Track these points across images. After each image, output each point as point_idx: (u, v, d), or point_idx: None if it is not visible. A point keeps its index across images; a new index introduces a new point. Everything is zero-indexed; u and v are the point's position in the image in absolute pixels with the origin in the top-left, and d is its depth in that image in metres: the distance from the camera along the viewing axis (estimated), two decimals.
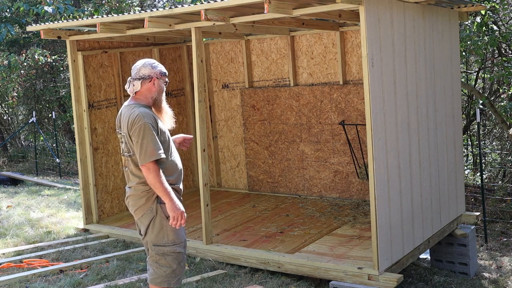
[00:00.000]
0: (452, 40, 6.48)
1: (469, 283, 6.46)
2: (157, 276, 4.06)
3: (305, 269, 5.39)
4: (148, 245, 4.08)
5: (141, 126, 3.84)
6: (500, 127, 11.40)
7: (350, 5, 4.72)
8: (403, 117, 5.39)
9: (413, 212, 5.56)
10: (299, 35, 7.82)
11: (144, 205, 4.01)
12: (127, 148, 4.00)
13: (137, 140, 3.85)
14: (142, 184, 3.99)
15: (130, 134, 3.90)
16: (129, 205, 4.13)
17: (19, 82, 13.57)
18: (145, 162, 3.83)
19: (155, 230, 4.01)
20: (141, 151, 3.84)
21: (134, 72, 4.06)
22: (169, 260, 4.04)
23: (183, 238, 4.12)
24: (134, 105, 4.00)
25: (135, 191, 4.03)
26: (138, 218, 4.07)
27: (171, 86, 8.51)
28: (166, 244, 4.03)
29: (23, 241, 6.84)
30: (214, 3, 5.12)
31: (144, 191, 3.99)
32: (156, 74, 4.04)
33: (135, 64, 4.10)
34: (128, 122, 3.91)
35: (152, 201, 3.99)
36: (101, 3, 13.83)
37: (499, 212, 9.20)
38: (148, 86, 4.02)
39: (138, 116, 3.87)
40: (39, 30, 6.87)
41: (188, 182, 8.85)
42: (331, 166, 7.75)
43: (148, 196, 3.99)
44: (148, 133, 3.84)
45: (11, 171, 13.29)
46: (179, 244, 4.08)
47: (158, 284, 4.08)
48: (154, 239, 4.02)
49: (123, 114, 4.02)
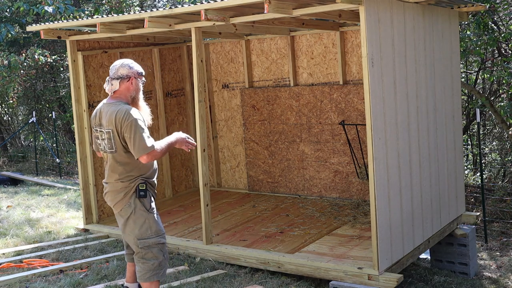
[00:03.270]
0: (452, 40, 6.48)
1: (469, 283, 6.46)
2: (145, 271, 4.27)
3: (305, 269, 5.39)
4: (132, 241, 4.28)
5: (132, 122, 4.08)
6: (500, 127, 11.40)
7: (350, 5, 4.72)
8: (403, 117, 5.39)
9: (413, 212, 5.56)
10: (299, 35, 7.82)
11: (123, 200, 4.25)
12: (109, 144, 4.21)
13: (129, 136, 4.08)
14: (120, 181, 4.24)
15: (122, 130, 4.10)
16: (108, 200, 4.37)
17: (19, 82, 13.57)
18: (140, 154, 4.08)
19: (137, 224, 4.25)
20: (135, 145, 4.08)
21: (112, 72, 4.28)
22: (155, 252, 4.27)
23: (163, 229, 4.40)
24: (115, 103, 4.22)
25: (113, 187, 4.27)
26: (118, 212, 4.30)
27: (171, 86, 8.51)
28: (150, 236, 4.26)
29: (23, 241, 6.84)
30: (214, 3, 5.12)
31: (123, 187, 4.24)
32: (134, 73, 4.28)
33: (113, 64, 4.33)
34: (116, 119, 4.11)
35: (130, 196, 4.24)
36: (101, 3, 13.84)
37: (499, 212, 9.21)
38: (127, 85, 4.27)
39: (126, 113, 4.10)
40: (39, 30, 6.86)
41: (188, 182, 8.86)
42: (331, 166, 7.75)
43: (126, 191, 4.24)
44: (138, 128, 4.08)
45: (11, 171, 13.29)
46: (162, 235, 4.34)
47: (148, 279, 4.28)
48: (138, 233, 4.25)
49: (105, 111, 4.23)
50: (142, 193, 4.26)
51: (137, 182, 4.25)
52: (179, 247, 6.20)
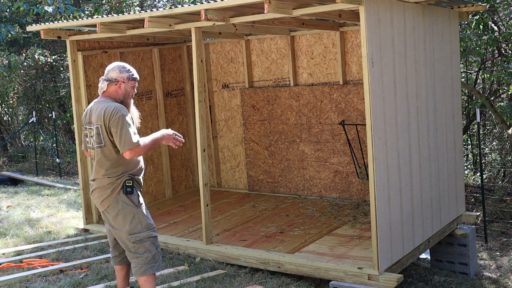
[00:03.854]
0: (452, 40, 6.48)
1: (469, 283, 6.46)
2: (140, 265, 4.32)
3: (305, 269, 5.39)
4: (124, 237, 4.32)
5: (119, 118, 4.16)
6: (500, 127, 11.40)
7: (350, 5, 4.72)
8: (403, 117, 5.39)
9: (413, 212, 5.56)
10: (299, 35, 7.82)
11: (110, 196, 4.30)
12: (98, 139, 4.27)
13: (115, 131, 4.16)
14: (107, 176, 4.29)
15: (109, 125, 4.18)
16: (95, 197, 4.40)
17: (19, 82, 13.57)
18: (125, 149, 4.15)
19: (127, 220, 4.30)
20: (121, 140, 4.15)
21: (105, 73, 4.40)
22: (148, 246, 4.33)
23: (154, 223, 4.44)
24: (105, 100, 4.32)
25: (100, 183, 4.32)
26: (105, 209, 4.34)
27: (171, 86, 8.51)
28: (141, 231, 4.32)
29: (23, 241, 6.85)
30: (214, 3, 5.12)
31: (110, 183, 4.29)
32: (123, 78, 4.35)
33: (108, 65, 4.43)
34: (104, 115, 4.20)
35: (117, 192, 4.30)
36: (101, 3, 13.84)
37: (499, 212, 9.21)
38: (114, 88, 4.37)
39: (115, 108, 4.20)
40: (39, 30, 6.86)
41: (188, 182, 8.86)
42: (331, 166, 7.75)
43: (114, 187, 4.29)
44: (125, 123, 4.16)
45: (11, 171, 13.29)
46: (153, 229, 4.40)
47: (144, 273, 4.33)
48: (129, 228, 4.30)
49: (94, 109, 4.32)
50: (129, 189, 4.31)
51: (124, 178, 4.30)
52: (179, 247, 6.20)
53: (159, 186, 8.26)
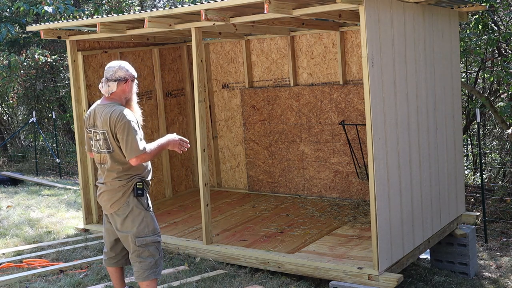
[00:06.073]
0: (452, 40, 6.48)
1: (469, 283, 6.46)
2: (143, 270, 4.32)
3: (305, 269, 5.39)
4: (129, 239, 4.31)
5: (125, 124, 4.14)
6: (500, 127, 11.40)
7: (350, 5, 4.72)
8: (403, 117, 5.39)
9: (413, 212, 5.56)
10: (299, 35, 7.82)
11: (121, 199, 4.29)
12: (106, 145, 4.26)
13: (122, 137, 4.15)
14: (118, 179, 4.27)
15: (115, 131, 4.17)
16: (103, 200, 4.38)
17: (19, 82, 13.56)
18: (131, 156, 4.15)
19: (136, 223, 4.30)
20: (127, 147, 4.15)
21: (109, 73, 4.32)
22: (152, 250, 4.34)
23: (159, 228, 4.46)
24: (110, 104, 4.28)
25: (111, 186, 4.30)
26: (114, 211, 4.32)
27: (171, 86, 8.51)
28: (148, 235, 4.33)
29: (23, 241, 6.85)
30: (214, 3, 5.12)
31: (121, 185, 4.28)
32: (130, 76, 4.36)
33: (109, 66, 4.37)
34: (110, 120, 4.17)
35: (128, 195, 4.29)
36: (101, 3, 13.84)
37: (499, 212, 9.21)
38: (123, 87, 4.34)
39: (120, 114, 4.17)
40: (39, 30, 6.86)
41: (188, 182, 8.86)
42: (331, 166, 7.75)
43: (125, 190, 4.28)
44: (131, 130, 4.14)
45: (11, 171, 13.29)
46: (158, 234, 4.42)
47: (146, 278, 4.34)
48: (136, 231, 4.30)
49: (99, 112, 4.28)
50: (139, 191, 4.31)
51: (135, 181, 4.30)
52: (179, 247, 6.20)
53: (159, 186, 8.26)
